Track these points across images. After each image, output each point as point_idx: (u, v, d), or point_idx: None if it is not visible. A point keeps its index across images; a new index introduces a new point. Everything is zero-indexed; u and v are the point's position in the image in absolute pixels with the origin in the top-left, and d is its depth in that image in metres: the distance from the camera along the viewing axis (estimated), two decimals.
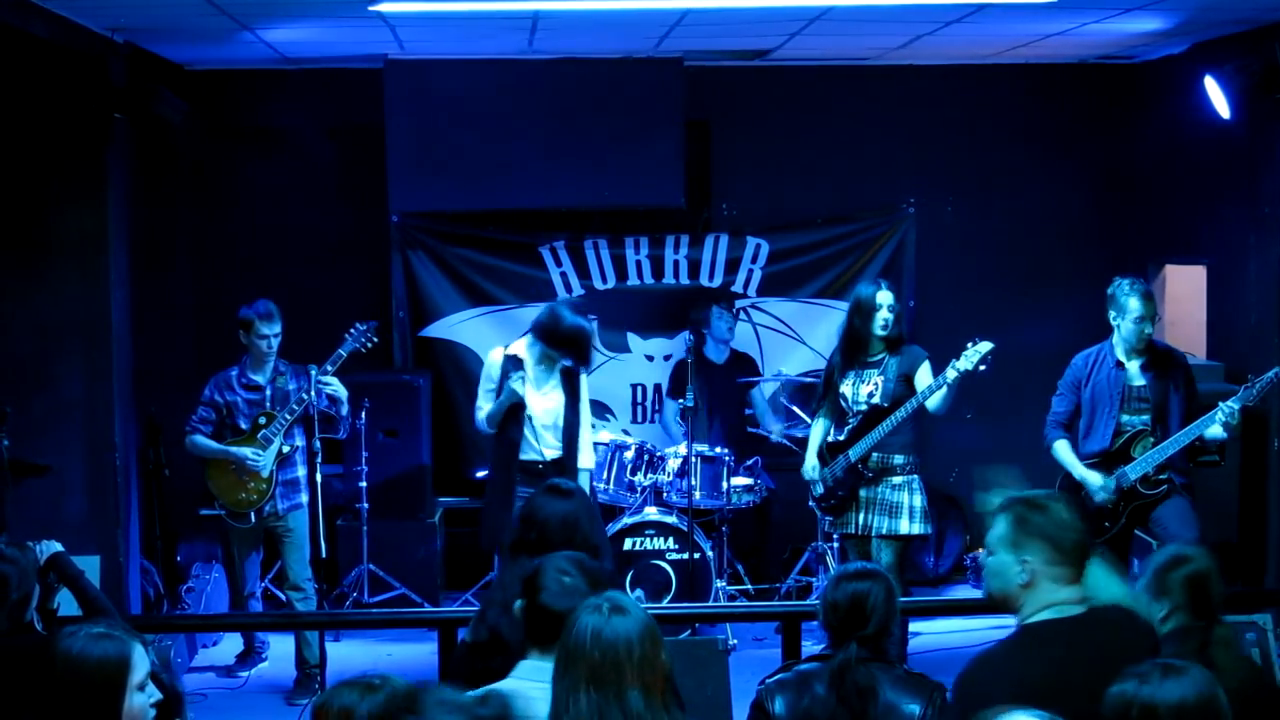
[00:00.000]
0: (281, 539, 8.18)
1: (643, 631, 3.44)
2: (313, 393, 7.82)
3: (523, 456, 7.81)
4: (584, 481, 7.94)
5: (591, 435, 8.24)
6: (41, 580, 5.11)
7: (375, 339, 8.17)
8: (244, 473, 7.99)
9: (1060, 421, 7.63)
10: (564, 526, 4.61)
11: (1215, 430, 7.18)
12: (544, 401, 7.84)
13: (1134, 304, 7.34)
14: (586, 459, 8.04)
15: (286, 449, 8.03)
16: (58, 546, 5.33)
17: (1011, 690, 3.58)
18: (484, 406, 7.89)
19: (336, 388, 7.96)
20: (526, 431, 7.81)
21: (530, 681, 3.84)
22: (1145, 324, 7.35)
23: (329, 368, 7.92)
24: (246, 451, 7.94)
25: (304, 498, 8.13)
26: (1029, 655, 3.90)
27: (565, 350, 7.80)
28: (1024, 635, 3.95)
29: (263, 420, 7.98)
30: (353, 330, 8.05)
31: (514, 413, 7.78)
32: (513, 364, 7.80)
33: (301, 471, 8.12)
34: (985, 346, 7.31)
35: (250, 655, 8.43)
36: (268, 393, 8.05)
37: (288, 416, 7.95)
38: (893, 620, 4.22)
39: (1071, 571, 3.94)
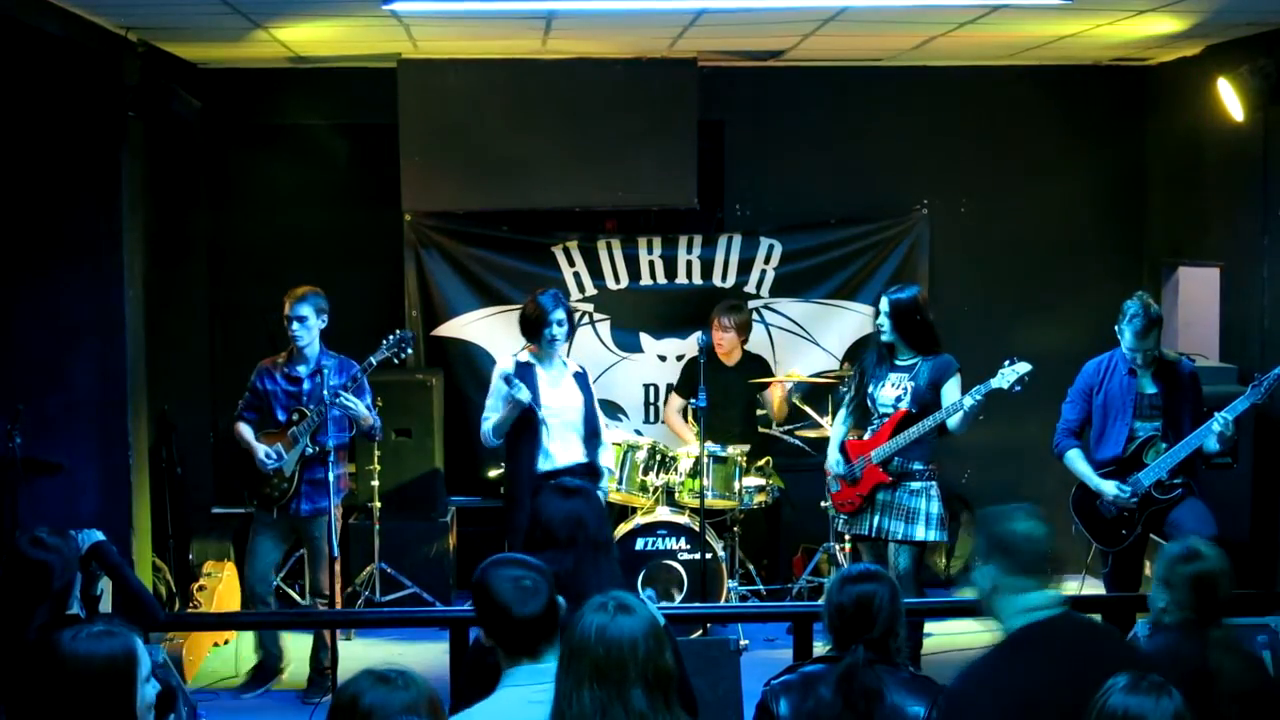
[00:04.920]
0: (305, 543, 8.06)
1: (647, 631, 3.43)
2: (338, 397, 7.58)
3: (541, 468, 7.64)
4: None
5: (606, 433, 8.25)
6: (83, 569, 5.14)
7: (409, 350, 7.92)
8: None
9: (1071, 429, 7.56)
10: (567, 524, 4.60)
11: (1210, 443, 7.14)
12: (561, 398, 7.77)
13: (1133, 309, 7.26)
14: (605, 456, 8.07)
15: (311, 450, 7.77)
16: (99, 535, 5.37)
17: (996, 699, 3.71)
18: (490, 417, 7.76)
19: (356, 409, 7.70)
20: (544, 439, 7.71)
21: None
22: (1142, 339, 7.24)
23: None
24: (260, 453, 7.81)
25: (330, 502, 7.69)
26: (1011, 662, 3.92)
27: (534, 329, 7.73)
28: (1003, 644, 3.99)
29: (295, 417, 7.79)
30: (388, 339, 7.81)
31: (526, 423, 7.68)
32: (518, 373, 7.66)
33: (332, 474, 7.69)
34: (1023, 368, 7.25)
35: (263, 670, 8.20)
36: (306, 386, 7.80)
37: (316, 419, 7.68)
38: (898, 622, 4.19)
39: (1032, 581, 3.97)
